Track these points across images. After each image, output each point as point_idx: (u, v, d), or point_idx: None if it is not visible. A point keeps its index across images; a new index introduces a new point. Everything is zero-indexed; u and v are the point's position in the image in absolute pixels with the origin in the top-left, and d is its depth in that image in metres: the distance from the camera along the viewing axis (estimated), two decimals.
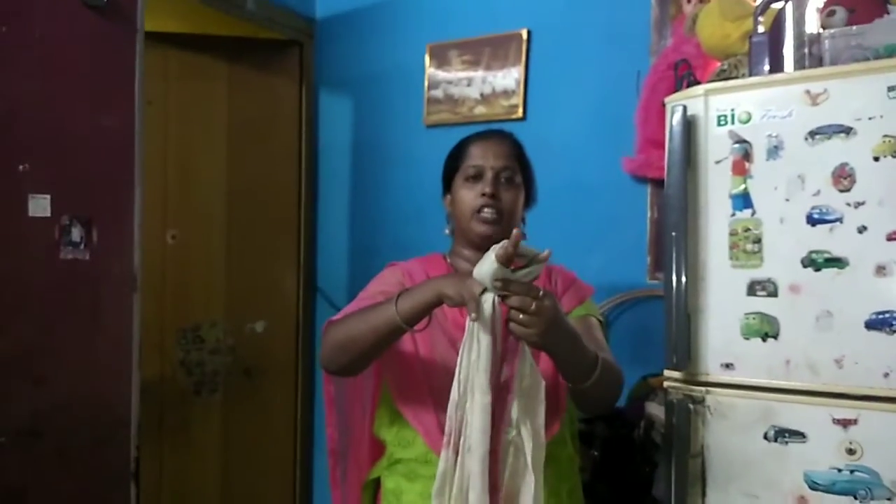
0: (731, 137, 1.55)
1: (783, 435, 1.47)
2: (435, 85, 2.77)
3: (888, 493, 1.37)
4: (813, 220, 1.46)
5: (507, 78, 2.62)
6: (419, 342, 1.43)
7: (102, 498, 1.89)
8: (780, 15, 1.66)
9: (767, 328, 1.50)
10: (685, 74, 1.79)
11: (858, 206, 1.41)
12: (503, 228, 1.44)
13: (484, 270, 1.14)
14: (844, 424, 1.41)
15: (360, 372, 1.43)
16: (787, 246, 1.48)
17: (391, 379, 1.46)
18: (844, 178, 1.43)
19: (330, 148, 3.07)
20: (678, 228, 1.57)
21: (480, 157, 1.48)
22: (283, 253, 3.02)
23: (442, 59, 2.76)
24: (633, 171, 2.33)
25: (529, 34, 2.59)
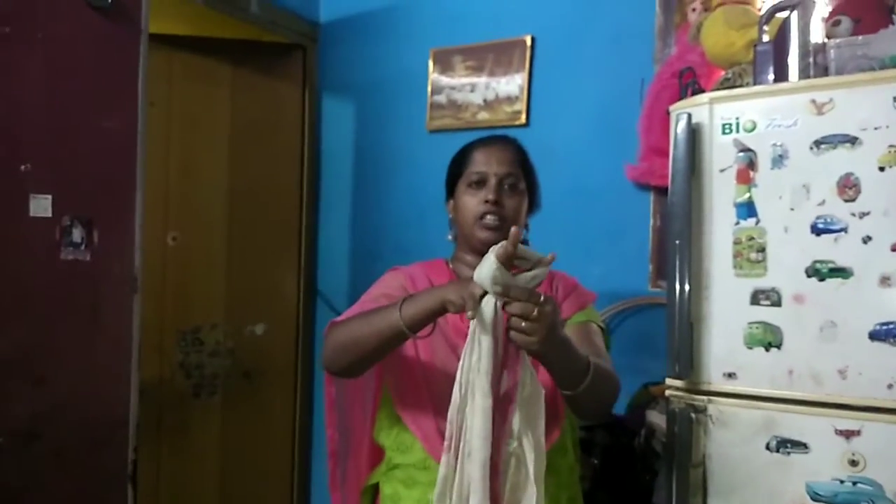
0: (735, 146, 1.55)
1: (785, 445, 1.46)
2: (438, 90, 2.77)
3: None
4: (817, 229, 1.45)
5: (510, 84, 2.62)
6: (420, 347, 1.43)
7: (99, 500, 1.88)
8: (784, 24, 1.66)
9: (771, 338, 1.49)
10: (690, 82, 1.80)
11: (863, 216, 1.41)
12: (505, 235, 1.42)
13: (484, 272, 1.12)
14: (847, 436, 1.40)
15: (361, 374, 1.43)
16: (791, 255, 1.48)
17: (392, 382, 1.46)
18: (849, 187, 1.42)
19: (332, 152, 3.07)
20: (682, 236, 1.56)
21: (484, 163, 1.47)
22: (283, 256, 3.01)
23: (445, 64, 2.76)
24: (635, 178, 2.33)
25: (533, 40, 2.58)
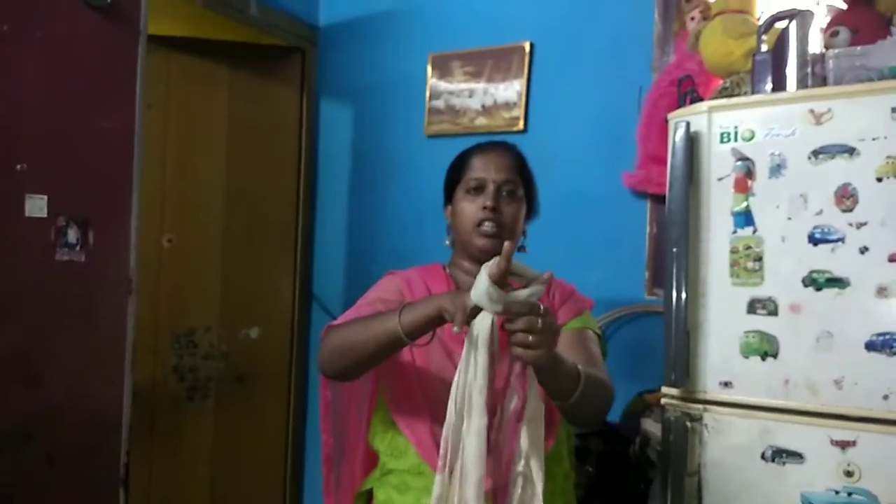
0: (733, 155, 1.55)
1: (781, 455, 1.46)
2: (436, 95, 2.77)
3: None
4: (815, 239, 1.45)
5: (508, 90, 2.62)
6: (416, 353, 1.42)
7: (91, 503, 1.87)
8: (783, 34, 1.67)
9: (767, 347, 1.49)
10: (689, 91, 1.80)
11: (860, 226, 1.41)
12: (503, 242, 1.42)
13: (480, 292, 1.08)
14: (843, 446, 1.40)
15: (357, 378, 1.42)
16: (788, 265, 1.48)
17: (387, 387, 1.45)
18: (847, 198, 1.43)
19: (330, 155, 3.07)
20: (679, 244, 1.57)
21: (482, 169, 1.46)
22: (279, 259, 3.00)
23: (444, 69, 2.76)
24: (633, 185, 2.33)
25: (532, 47, 2.59)
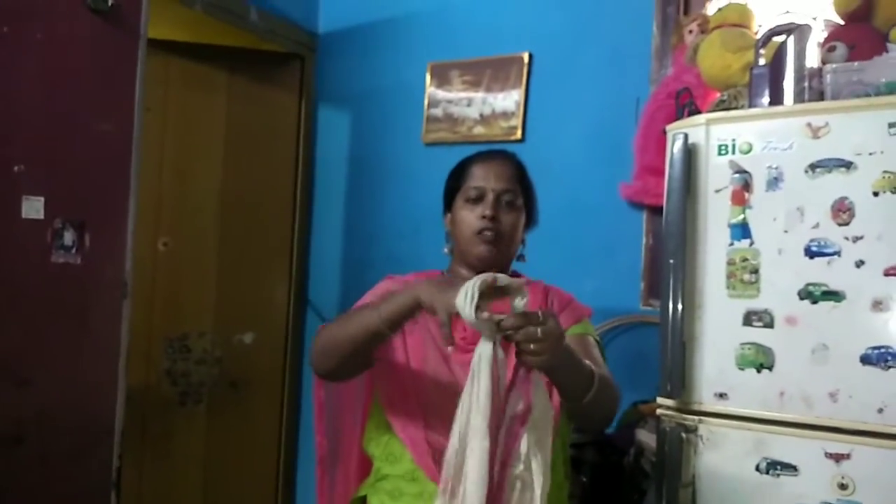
0: (731, 167, 1.56)
1: (775, 467, 1.46)
2: (435, 103, 2.78)
3: None
4: (811, 252, 1.46)
5: (507, 100, 2.63)
6: (411, 356, 1.42)
7: None
8: (781, 48, 1.68)
9: (762, 359, 1.50)
10: (687, 103, 1.81)
11: (857, 240, 1.42)
12: (502, 251, 1.44)
13: (479, 326, 1.10)
14: (837, 459, 1.40)
15: (349, 377, 1.43)
16: (784, 277, 1.49)
17: (382, 390, 1.45)
18: (844, 211, 1.43)
19: (327, 162, 3.07)
20: (676, 256, 1.57)
21: (482, 178, 1.47)
22: (275, 265, 3.00)
23: (443, 78, 2.77)
24: (629, 196, 2.34)
25: (531, 57, 2.60)
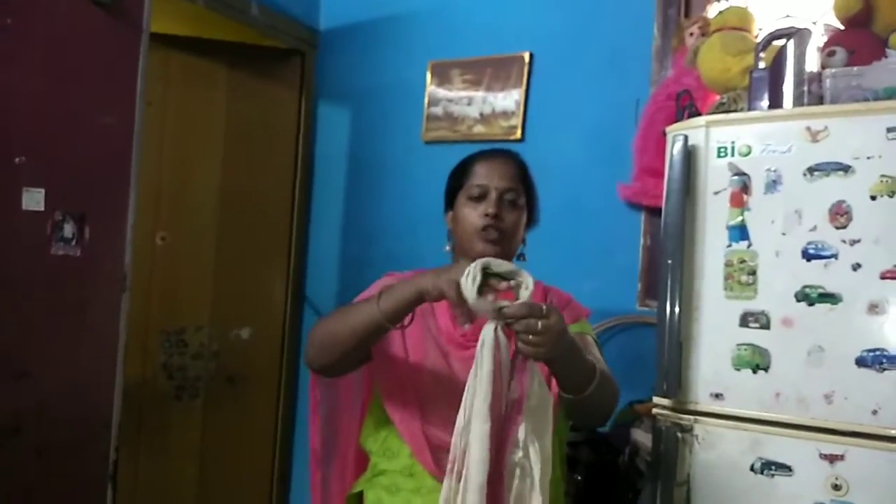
0: (730, 169, 1.57)
1: (770, 467, 1.48)
2: (435, 102, 2.78)
3: None
4: (808, 255, 1.47)
5: (507, 99, 2.64)
6: (410, 351, 1.43)
7: (79, 498, 1.86)
8: (781, 52, 1.69)
9: (759, 360, 1.51)
10: (687, 105, 1.81)
11: (854, 243, 1.43)
12: (504, 249, 1.44)
13: (480, 306, 1.14)
14: (831, 460, 1.42)
15: (344, 372, 1.43)
16: (781, 279, 1.50)
17: (382, 385, 1.45)
18: (841, 215, 1.45)
19: (326, 158, 3.07)
20: (674, 256, 1.58)
21: (485, 176, 1.48)
22: (273, 260, 3.00)
23: (443, 76, 2.77)
24: (628, 197, 2.35)
25: (532, 57, 2.61)
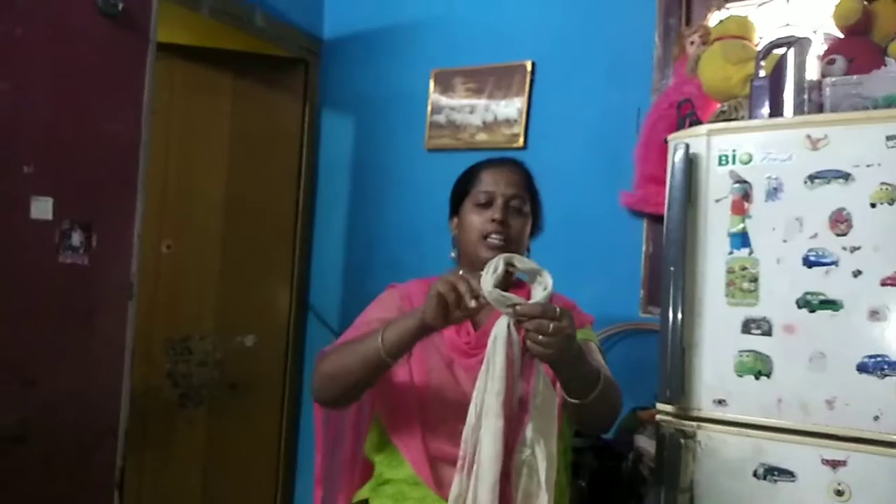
0: (731, 177, 1.59)
1: (772, 473, 1.48)
2: (438, 110, 2.80)
3: None
4: (809, 262, 1.49)
5: (509, 107, 2.65)
6: (414, 367, 1.43)
7: None
8: (781, 61, 1.71)
9: (761, 366, 1.52)
10: (688, 114, 1.83)
11: (854, 250, 1.44)
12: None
13: (494, 298, 1.15)
14: (834, 465, 1.43)
15: (349, 404, 1.44)
16: (782, 286, 1.51)
17: (382, 404, 1.46)
18: (842, 222, 1.46)
19: (330, 167, 3.09)
20: (676, 264, 1.59)
21: (492, 183, 1.49)
22: (277, 269, 3.02)
23: (446, 85, 2.79)
24: (630, 205, 2.36)
25: (534, 66, 2.63)
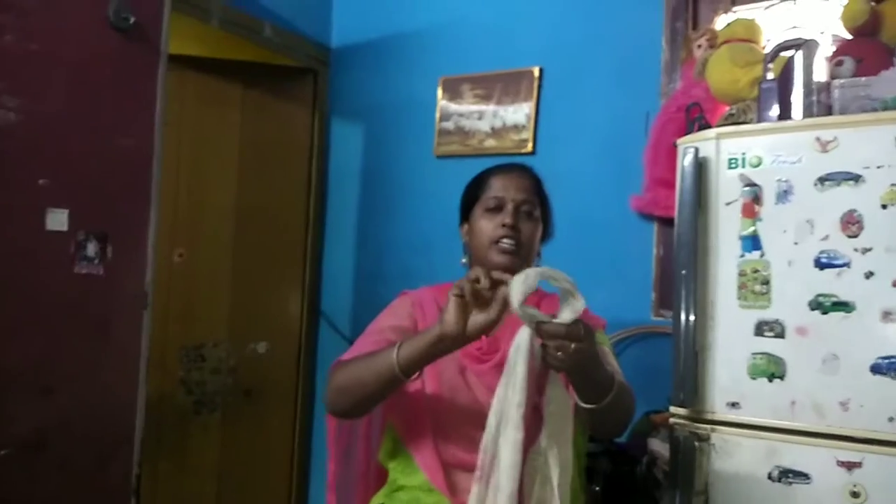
0: (741, 180, 1.59)
1: (787, 475, 1.48)
2: (446, 117, 2.82)
3: None
4: (821, 264, 1.49)
5: (517, 113, 2.67)
6: (427, 376, 1.42)
7: None
8: (789, 63, 1.71)
9: (774, 369, 1.52)
10: (697, 117, 1.83)
11: (866, 251, 1.45)
12: (521, 261, 1.45)
13: (522, 313, 1.13)
14: (849, 467, 1.43)
15: (361, 415, 1.44)
16: (794, 288, 1.51)
17: (395, 411, 1.46)
18: (853, 224, 1.46)
19: (340, 174, 3.11)
20: (688, 267, 1.60)
21: (502, 188, 1.50)
22: (288, 276, 3.04)
23: (454, 92, 2.81)
24: (640, 208, 2.37)
25: (541, 72, 2.64)
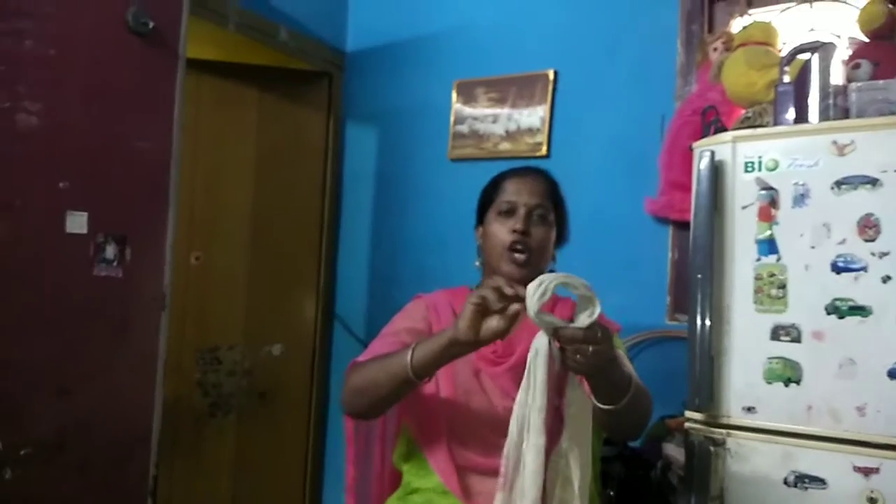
0: (758, 184, 1.59)
1: (803, 480, 1.48)
2: (461, 120, 2.82)
3: None
4: (838, 268, 1.48)
5: (532, 116, 2.67)
6: (441, 378, 1.43)
7: None
8: (805, 66, 1.70)
9: (790, 373, 1.51)
10: (713, 121, 1.83)
11: (883, 256, 1.44)
12: (532, 265, 1.46)
13: (539, 319, 1.13)
14: (866, 473, 1.42)
15: (379, 416, 1.45)
16: (811, 292, 1.51)
17: (410, 414, 1.47)
18: (870, 227, 1.45)
19: (354, 178, 3.12)
20: (703, 271, 1.59)
21: (514, 192, 1.50)
22: (303, 279, 3.05)
23: (468, 95, 2.81)
24: (655, 212, 2.36)
25: (556, 75, 2.64)
